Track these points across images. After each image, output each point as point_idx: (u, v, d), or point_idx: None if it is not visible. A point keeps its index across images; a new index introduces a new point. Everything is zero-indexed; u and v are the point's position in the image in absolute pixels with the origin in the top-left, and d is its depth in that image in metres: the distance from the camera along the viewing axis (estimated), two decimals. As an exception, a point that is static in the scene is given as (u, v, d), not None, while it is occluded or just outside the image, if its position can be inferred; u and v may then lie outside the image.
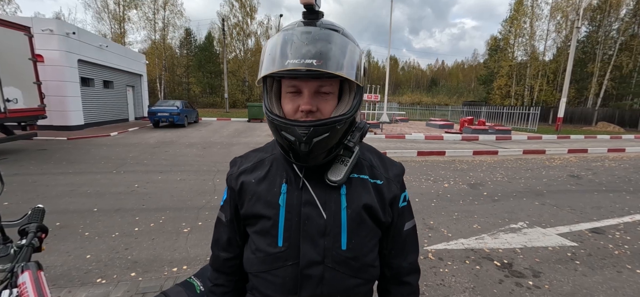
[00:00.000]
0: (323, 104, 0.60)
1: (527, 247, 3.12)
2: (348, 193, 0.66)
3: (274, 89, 0.64)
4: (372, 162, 0.72)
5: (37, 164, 6.15)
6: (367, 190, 0.68)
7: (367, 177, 0.69)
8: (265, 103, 0.63)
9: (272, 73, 0.56)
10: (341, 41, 0.57)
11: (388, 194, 0.69)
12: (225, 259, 0.76)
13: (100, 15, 29.24)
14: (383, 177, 0.71)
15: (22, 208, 3.76)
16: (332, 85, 0.60)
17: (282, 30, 0.59)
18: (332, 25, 0.59)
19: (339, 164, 0.65)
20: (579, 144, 11.43)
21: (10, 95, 6.93)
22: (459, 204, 4.39)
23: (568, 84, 16.97)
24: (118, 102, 15.52)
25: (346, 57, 0.56)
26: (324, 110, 0.60)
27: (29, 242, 0.79)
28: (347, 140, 0.65)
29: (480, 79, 40.69)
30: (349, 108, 0.61)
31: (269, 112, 0.61)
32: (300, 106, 0.59)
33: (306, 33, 0.55)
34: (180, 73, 35.80)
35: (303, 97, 0.59)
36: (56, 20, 11.47)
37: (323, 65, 0.53)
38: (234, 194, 0.72)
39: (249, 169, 0.72)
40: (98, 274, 2.46)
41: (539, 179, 6.07)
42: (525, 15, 28.44)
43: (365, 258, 0.67)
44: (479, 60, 53.26)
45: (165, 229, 3.31)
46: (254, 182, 0.69)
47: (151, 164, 6.49)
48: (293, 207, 0.65)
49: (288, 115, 0.61)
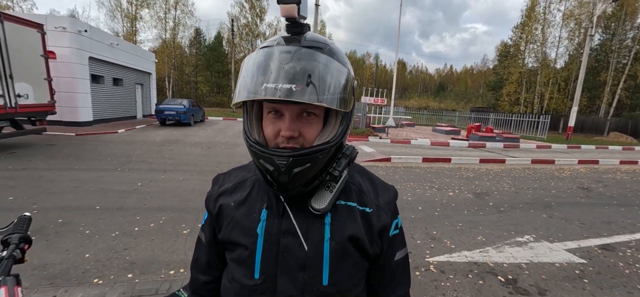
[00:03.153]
0: (306, 128, 0.54)
1: (533, 262, 3.02)
2: (333, 222, 0.60)
3: (255, 110, 0.59)
4: (362, 187, 0.66)
5: (44, 159, 6.25)
6: (354, 219, 0.62)
7: (355, 204, 0.63)
8: (244, 126, 0.58)
9: (246, 99, 0.51)
10: (325, 62, 0.51)
11: (377, 223, 0.63)
12: (204, 282, 0.71)
13: (113, 13, 29.80)
14: (372, 204, 0.64)
15: (27, 204, 3.81)
16: (317, 108, 0.54)
17: (261, 47, 0.54)
18: (316, 42, 0.53)
19: (324, 190, 0.59)
20: (589, 155, 11.15)
21: (22, 91, 7.06)
22: (464, 214, 4.30)
23: (580, 92, 16.62)
24: (127, 99, 15.73)
25: (330, 81, 0.50)
26: (307, 136, 0.54)
27: (10, 255, 0.76)
28: (332, 169, 0.58)
29: (489, 85, 40.15)
30: (334, 134, 0.55)
31: (247, 137, 0.57)
32: (282, 131, 0.53)
33: (286, 52, 0.50)
34: (188, 72, 36.22)
35: (284, 121, 0.53)
36: (69, 18, 11.71)
37: (302, 92, 0.47)
38: (212, 217, 0.68)
39: (229, 190, 0.67)
40: (95, 274, 2.46)
41: (547, 190, 5.92)
42: (536, 22, 27.98)
43: (349, 294, 0.61)
44: (489, 66, 52.68)
45: (165, 230, 3.31)
46: (233, 206, 0.64)
47: (155, 162, 6.54)
48: (272, 236, 0.59)
49: (269, 140, 0.56)
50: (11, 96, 6.77)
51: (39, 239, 2.91)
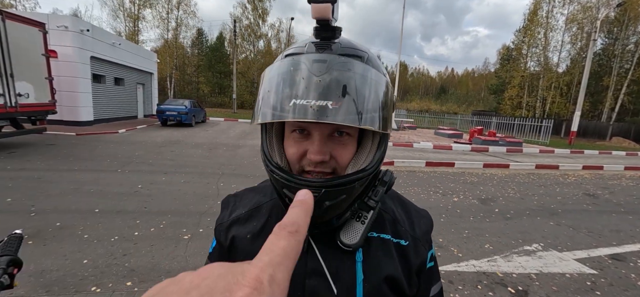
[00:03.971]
0: (339, 151, 0.46)
1: (543, 272, 2.94)
2: (366, 260, 0.52)
3: (276, 126, 0.51)
4: (396, 215, 0.58)
5: (44, 159, 6.19)
6: (390, 255, 0.54)
7: (389, 236, 0.55)
8: (263, 146, 0.50)
9: (272, 121, 0.43)
10: (365, 73, 0.43)
11: (415, 259, 0.55)
12: None
13: (115, 13, 29.80)
14: (408, 236, 0.56)
15: (25, 206, 3.74)
16: (351, 129, 0.47)
17: (286, 54, 0.46)
18: (354, 49, 0.46)
19: (355, 222, 0.51)
20: (593, 160, 11.05)
21: (22, 90, 7.01)
22: (470, 221, 4.22)
23: (583, 97, 16.52)
24: (128, 99, 15.69)
25: (372, 96, 0.43)
26: (339, 160, 0.46)
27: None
28: (368, 198, 0.51)
29: (490, 88, 40.06)
30: (372, 159, 0.47)
31: (268, 161, 0.48)
32: (309, 154, 0.45)
33: (320, 61, 0.42)
34: (190, 72, 36.21)
35: (312, 142, 0.45)
36: (71, 17, 11.67)
37: (340, 110, 0.40)
38: (222, 250, 0.59)
39: (242, 218, 0.59)
40: (93, 281, 2.38)
41: (552, 196, 5.83)
42: (539, 26, 27.92)
43: None
44: (490, 69, 52.57)
45: (165, 234, 3.23)
46: (249, 239, 0.56)
47: (156, 164, 6.47)
48: (295, 277, 0.50)
49: (292, 162, 0.48)
50: (11, 95, 6.71)
51: (36, 243, 2.84)
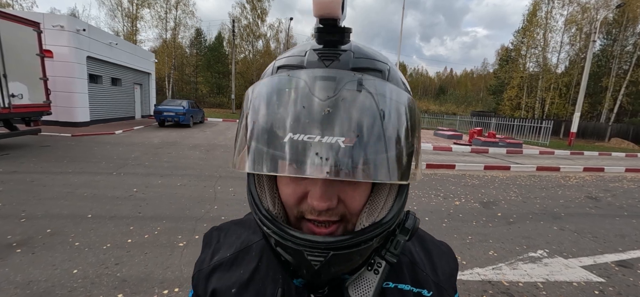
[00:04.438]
0: (350, 193, 0.35)
1: (550, 281, 2.85)
2: None
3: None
4: (414, 256, 0.48)
5: (38, 161, 6.06)
6: None
7: (408, 286, 0.45)
8: (250, 187, 0.38)
9: (264, 173, 0.32)
10: (392, 96, 0.32)
11: None
12: None
13: (113, 12, 29.64)
14: (430, 283, 0.46)
15: (15, 211, 3.62)
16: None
17: (281, 67, 0.35)
18: (371, 60, 0.35)
19: (366, 271, 0.40)
20: (593, 162, 11.01)
21: (16, 91, 6.88)
22: (472, 226, 4.13)
23: (583, 98, 16.50)
24: (125, 99, 15.54)
25: (400, 127, 0.32)
26: (350, 205, 0.35)
27: None
28: (385, 251, 0.39)
29: (489, 88, 40.10)
30: (392, 204, 0.36)
31: (255, 207, 0.37)
32: (311, 200, 0.34)
33: (327, 79, 0.30)
34: (189, 72, 36.05)
35: (314, 183, 0.33)
36: (67, 17, 11.54)
37: (358, 153, 0.29)
38: None
39: (226, 263, 0.48)
40: (83, 292, 2.28)
41: (555, 199, 5.76)
42: (538, 26, 27.94)
43: None
44: (489, 70, 52.63)
45: (159, 241, 3.13)
46: (234, 294, 0.45)
47: (152, 166, 6.35)
48: None
49: (288, 206, 0.37)
50: (5, 96, 6.58)
51: (24, 251, 2.73)
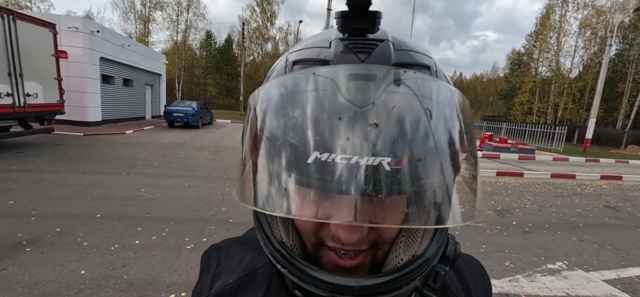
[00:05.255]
0: (381, 221, 0.27)
1: (571, 295, 2.71)
2: None
3: None
4: (445, 280, 0.41)
5: (49, 160, 6.15)
6: None
7: None
8: (258, 216, 0.33)
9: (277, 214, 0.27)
10: (447, 99, 0.27)
11: None
12: None
13: (126, 15, 30.26)
14: None
15: (27, 209, 3.65)
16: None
17: (297, 62, 0.30)
18: (416, 54, 0.29)
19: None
20: (610, 169, 10.64)
21: (31, 90, 7.02)
22: (486, 234, 3.99)
23: (598, 103, 16.04)
24: (136, 100, 15.79)
25: (454, 134, 0.26)
26: (383, 235, 0.30)
27: None
28: (424, 287, 0.32)
29: (500, 93, 39.41)
30: (435, 235, 0.31)
31: (268, 243, 0.31)
32: (336, 229, 0.27)
33: (363, 78, 0.25)
34: (198, 74, 36.51)
35: (341, 206, 0.25)
36: (81, 18, 11.80)
37: (409, 178, 0.23)
38: None
39: (230, 291, 0.41)
40: (90, 294, 2.25)
41: (572, 208, 5.55)
42: (551, 30, 27.35)
43: None
44: (499, 74, 51.83)
45: (167, 244, 3.10)
46: None
47: (161, 166, 6.38)
48: None
49: (305, 235, 0.31)
50: (20, 95, 6.72)
51: (33, 251, 2.73)
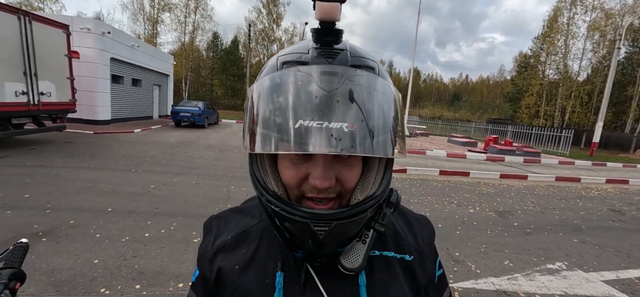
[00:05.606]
0: (346, 173, 0.40)
1: (569, 294, 2.75)
2: (369, 283, 0.47)
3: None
4: (397, 228, 0.54)
5: (62, 156, 6.35)
6: (394, 274, 0.49)
7: (392, 253, 0.51)
8: (254, 172, 0.42)
9: (285, 152, 0.37)
10: (382, 89, 0.38)
11: (422, 274, 0.51)
12: None
13: (135, 16, 30.79)
14: (412, 249, 0.52)
15: (41, 202, 3.81)
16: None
17: (288, 63, 0.39)
18: (364, 59, 0.40)
19: (356, 242, 0.45)
20: (617, 174, 10.53)
21: (45, 89, 7.26)
22: (487, 235, 4.03)
23: (606, 107, 15.86)
24: (144, 100, 16.08)
25: (389, 115, 0.38)
26: (346, 184, 0.40)
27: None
28: (374, 222, 0.45)
29: (506, 95, 39.09)
30: (381, 181, 0.42)
31: (262, 189, 0.41)
32: (312, 178, 0.39)
33: (330, 74, 0.36)
34: (205, 74, 36.94)
35: (316, 164, 0.38)
36: (93, 20, 12.08)
37: (360, 135, 0.34)
38: (207, 284, 0.51)
39: (229, 246, 0.52)
40: (103, 282, 2.37)
41: (575, 211, 5.55)
42: (559, 33, 27.09)
43: None
44: (506, 77, 51.40)
45: (175, 237, 3.22)
46: (237, 270, 0.49)
47: (169, 164, 6.54)
48: None
49: (289, 187, 0.41)
50: (35, 94, 6.96)
51: (49, 241, 2.87)
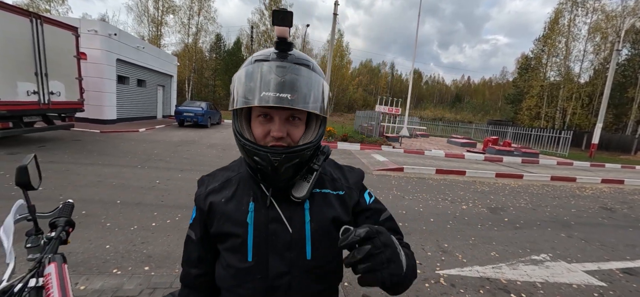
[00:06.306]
0: (293, 130, 0.63)
1: (549, 282, 2.93)
2: (311, 207, 0.70)
3: (244, 112, 0.67)
4: (333, 175, 0.77)
5: (71, 153, 6.60)
6: (329, 204, 0.72)
7: (329, 190, 0.73)
8: (235, 126, 0.65)
9: (249, 106, 0.59)
10: (311, 76, 0.61)
11: (350, 201, 0.75)
12: (196, 276, 0.76)
13: (140, 18, 31.20)
14: (344, 187, 0.75)
15: (54, 194, 4.04)
16: (301, 114, 0.64)
17: (257, 60, 0.62)
18: (304, 60, 0.63)
19: (302, 181, 0.68)
20: (614, 174, 10.63)
21: (55, 89, 7.53)
22: (477, 229, 4.21)
23: (605, 108, 15.94)
24: (148, 100, 16.36)
25: (315, 92, 0.61)
26: (293, 137, 0.63)
27: (58, 235, 0.84)
28: (313, 164, 0.69)
29: (508, 97, 39.11)
30: (316, 136, 0.65)
31: (240, 136, 0.63)
32: (272, 132, 0.62)
33: (281, 67, 0.59)
34: (207, 75, 37.28)
35: (274, 123, 0.62)
36: (100, 22, 12.39)
37: (296, 101, 0.57)
38: (203, 215, 0.73)
39: (216, 189, 0.74)
40: (115, 264, 2.58)
41: (566, 208, 5.70)
42: (560, 34, 27.14)
43: (329, 265, 0.72)
44: (508, 79, 51.37)
45: (180, 226, 3.43)
46: (223, 202, 0.71)
47: (173, 162, 6.77)
48: (260, 224, 0.68)
49: (258, 139, 0.63)
50: (45, 93, 7.22)
51: (64, 228, 3.08)
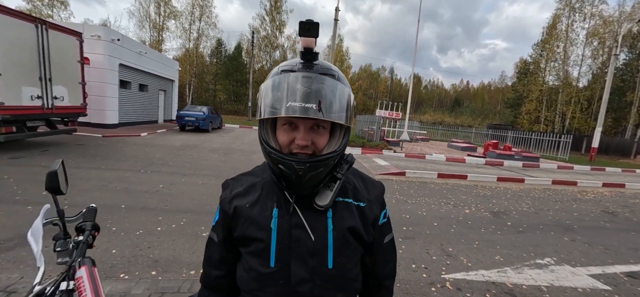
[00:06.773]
0: (317, 139, 0.65)
1: (554, 286, 2.94)
2: (334, 216, 0.71)
3: (270, 121, 0.69)
4: (356, 185, 0.78)
5: (74, 158, 6.62)
6: (351, 213, 0.73)
7: (351, 200, 0.74)
8: (261, 135, 0.67)
9: (276, 116, 0.61)
10: (336, 86, 0.63)
11: (370, 214, 0.76)
12: (217, 277, 0.78)
13: (142, 23, 31.36)
14: (365, 199, 0.76)
15: (59, 199, 4.03)
16: (326, 123, 0.65)
17: (283, 71, 0.63)
18: (329, 70, 0.64)
19: (326, 190, 0.70)
20: (615, 178, 10.66)
21: (58, 93, 7.57)
22: (480, 233, 4.22)
23: (604, 112, 16.02)
24: (150, 104, 16.41)
25: (340, 102, 0.62)
26: (317, 145, 0.65)
27: (85, 240, 0.86)
28: (337, 172, 0.70)
29: (507, 102, 39.24)
30: (339, 145, 0.66)
31: (266, 145, 0.65)
32: (296, 140, 0.63)
33: (307, 77, 0.60)
34: (208, 80, 37.37)
35: (299, 132, 0.63)
36: (103, 27, 12.49)
37: (322, 111, 0.59)
38: (227, 217, 0.75)
39: (241, 193, 0.75)
40: (121, 269, 2.59)
41: (569, 212, 5.72)
42: (558, 40, 27.33)
43: (349, 274, 0.73)
44: (507, 83, 51.60)
45: (185, 231, 3.44)
46: (248, 207, 0.73)
47: (175, 166, 6.78)
48: (284, 230, 0.69)
49: (283, 147, 0.65)
50: (49, 98, 7.26)
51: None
